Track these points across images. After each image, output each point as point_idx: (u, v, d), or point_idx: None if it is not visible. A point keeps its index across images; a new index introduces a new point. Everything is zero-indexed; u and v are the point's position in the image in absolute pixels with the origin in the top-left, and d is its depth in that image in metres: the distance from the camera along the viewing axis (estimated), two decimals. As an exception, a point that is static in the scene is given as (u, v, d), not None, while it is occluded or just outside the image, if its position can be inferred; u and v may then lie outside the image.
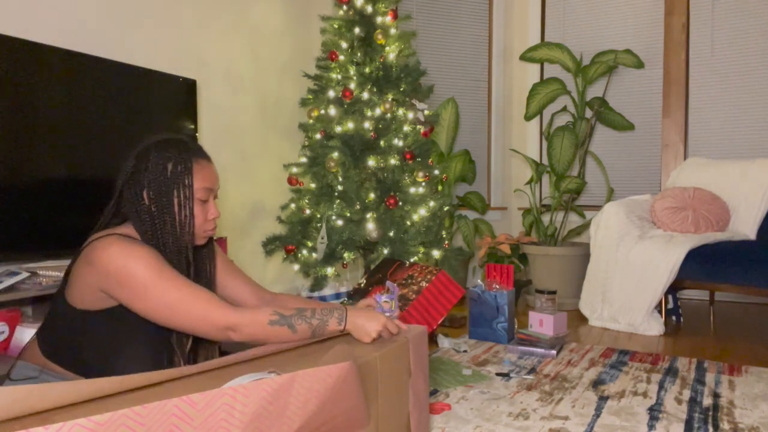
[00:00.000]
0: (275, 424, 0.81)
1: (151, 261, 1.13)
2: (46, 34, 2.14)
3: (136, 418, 0.68)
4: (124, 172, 1.25)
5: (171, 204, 1.22)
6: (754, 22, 3.52)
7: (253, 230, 3.22)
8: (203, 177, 1.26)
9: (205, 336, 1.14)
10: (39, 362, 1.21)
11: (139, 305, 1.13)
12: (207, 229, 1.30)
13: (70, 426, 0.63)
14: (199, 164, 1.26)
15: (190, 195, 1.24)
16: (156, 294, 1.11)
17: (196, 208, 1.26)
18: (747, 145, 3.55)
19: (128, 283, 1.11)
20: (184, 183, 1.23)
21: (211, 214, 1.29)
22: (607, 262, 2.91)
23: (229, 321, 1.12)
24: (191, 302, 1.12)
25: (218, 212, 1.31)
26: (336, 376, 0.90)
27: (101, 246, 1.14)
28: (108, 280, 1.12)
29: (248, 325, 1.12)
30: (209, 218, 1.29)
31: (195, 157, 1.26)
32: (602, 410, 1.74)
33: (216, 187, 1.31)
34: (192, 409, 0.73)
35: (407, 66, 2.93)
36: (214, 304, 1.13)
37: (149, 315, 1.13)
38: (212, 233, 1.32)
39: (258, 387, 0.79)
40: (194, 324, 1.12)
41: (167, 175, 1.22)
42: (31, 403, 0.68)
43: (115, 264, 1.11)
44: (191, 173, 1.24)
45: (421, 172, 2.85)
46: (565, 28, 4.05)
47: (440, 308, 2.15)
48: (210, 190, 1.28)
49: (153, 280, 1.11)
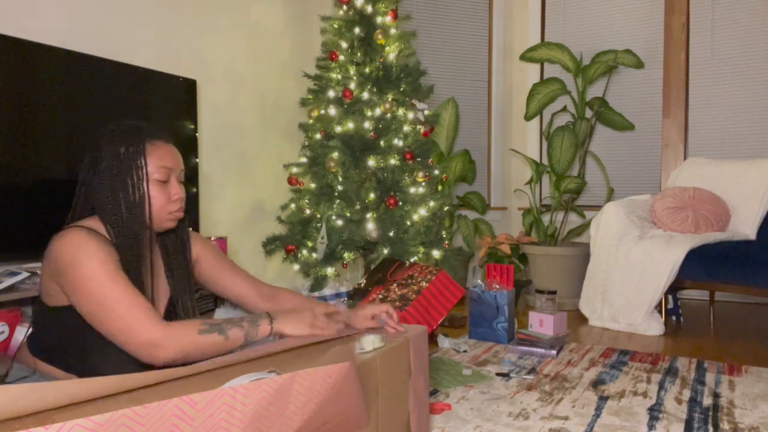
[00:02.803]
0: (275, 424, 0.81)
1: (100, 256, 1.10)
2: (46, 34, 2.14)
3: (136, 418, 0.68)
4: (84, 163, 1.24)
5: (126, 187, 1.20)
6: (754, 22, 3.52)
7: (253, 230, 3.22)
8: (159, 156, 1.24)
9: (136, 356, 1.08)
10: (30, 363, 1.21)
11: (75, 298, 1.10)
12: (171, 210, 1.27)
13: (71, 426, 0.63)
14: (153, 145, 1.24)
15: (143, 175, 1.22)
16: (93, 289, 1.08)
17: (155, 188, 1.24)
18: (747, 145, 3.55)
19: (71, 274, 1.09)
20: (137, 164, 1.21)
21: (174, 194, 1.27)
22: (607, 262, 2.91)
23: (153, 336, 1.05)
24: (122, 311, 1.07)
25: (182, 193, 1.28)
26: (336, 376, 0.90)
27: (57, 237, 1.14)
28: (57, 270, 1.11)
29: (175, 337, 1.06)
30: (173, 199, 1.27)
31: (149, 138, 1.24)
32: (602, 410, 1.74)
33: (176, 167, 1.28)
34: (192, 409, 0.73)
35: (407, 66, 2.93)
36: (146, 317, 1.07)
37: (82, 310, 1.10)
38: (179, 215, 1.29)
39: (258, 387, 0.79)
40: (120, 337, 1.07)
41: (120, 159, 1.21)
42: (30, 402, 0.68)
43: (65, 254, 1.10)
44: (143, 154, 1.22)
45: (421, 172, 2.85)
46: (565, 28, 4.05)
47: (440, 308, 2.15)
48: (169, 170, 1.26)
49: (95, 274, 1.08)
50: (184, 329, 1.08)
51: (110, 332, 1.08)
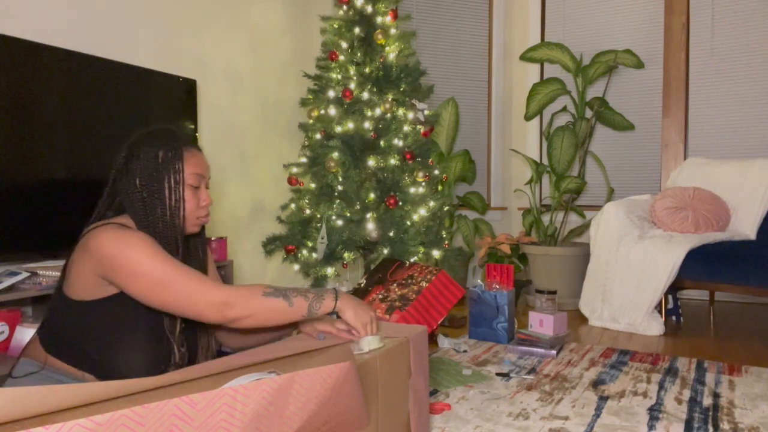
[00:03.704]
0: (275, 424, 0.81)
1: (144, 244, 1.14)
2: (46, 34, 2.14)
3: (136, 418, 0.68)
4: (117, 163, 1.27)
5: (162, 189, 1.24)
6: (754, 22, 3.52)
7: (253, 230, 3.22)
8: (194, 163, 1.29)
9: (200, 317, 1.13)
10: (40, 358, 1.22)
11: (132, 285, 1.13)
12: (200, 215, 1.32)
13: (71, 426, 0.63)
14: (189, 151, 1.29)
15: (181, 180, 1.26)
16: (148, 272, 1.12)
17: (188, 193, 1.28)
18: (747, 145, 3.55)
19: (122, 265, 1.12)
20: (174, 168, 1.25)
21: (204, 201, 1.31)
22: (607, 262, 2.91)
23: (222, 296, 1.12)
24: (183, 280, 1.13)
25: (210, 199, 1.33)
26: (336, 376, 0.91)
27: (97, 233, 1.16)
28: (103, 264, 1.14)
29: (243, 297, 1.12)
30: (202, 204, 1.31)
31: (185, 145, 1.29)
32: (602, 410, 1.74)
33: (207, 174, 1.33)
34: (192, 409, 0.73)
35: (407, 66, 2.93)
36: (206, 281, 1.14)
37: (142, 295, 1.14)
38: (205, 220, 1.34)
39: (258, 387, 0.79)
40: (188, 301, 1.12)
41: (158, 162, 1.24)
42: (31, 405, 0.68)
43: (110, 248, 1.13)
44: (182, 159, 1.26)
45: (421, 172, 2.85)
46: (565, 28, 4.05)
47: (440, 308, 2.15)
48: (201, 177, 1.30)
49: (145, 259, 1.12)
50: (250, 291, 1.14)
51: (177, 300, 1.12)
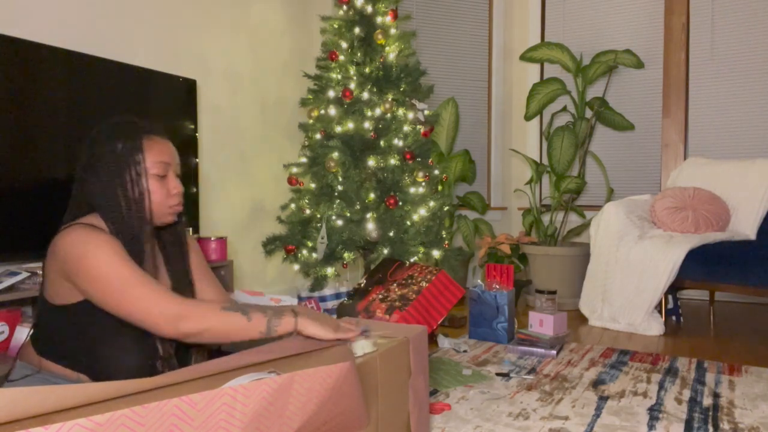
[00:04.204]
0: (275, 424, 0.81)
1: (105, 247, 1.12)
2: (46, 34, 2.14)
3: (136, 418, 0.68)
4: (81, 161, 1.25)
5: (124, 183, 1.21)
6: (754, 22, 3.52)
7: (253, 230, 3.22)
8: (157, 151, 1.25)
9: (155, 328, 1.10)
10: (34, 361, 1.21)
11: (91, 290, 1.11)
12: (171, 204, 1.28)
13: (70, 426, 0.63)
14: (150, 140, 1.26)
15: (142, 171, 1.23)
16: (105, 277, 1.10)
17: (154, 183, 1.25)
18: (747, 145, 3.55)
19: (84, 268, 1.11)
20: (134, 160, 1.22)
21: (174, 188, 1.28)
22: (607, 262, 2.91)
23: (179, 308, 1.09)
24: (140, 289, 1.10)
25: (181, 187, 1.29)
26: (336, 376, 0.90)
27: (63, 235, 1.15)
28: (68, 267, 1.12)
29: (199, 311, 1.10)
30: (172, 193, 1.28)
31: (145, 134, 1.25)
32: (602, 410, 1.74)
33: (173, 161, 1.29)
34: (192, 409, 0.73)
35: (407, 66, 2.93)
36: (165, 293, 1.11)
37: (100, 301, 1.12)
38: (178, 209, 1.31)
39: (258, 387, 0.79)
40: (143, 311, 1.09)
41: (117, 154, 1.21)
42: (31, 405, 0.68)
43: (74, 250, 1.12)
44: (141, 150, 1.23)
45: (421, 172, 2.85)
46: (565, 28, 4.04)
47: (440, 308, 2.15)
48: (167, 165, 1.27)
49: (104, 264, 1.10)
50: (207, 304, 1.12)
51: (132, 312, 1.10)
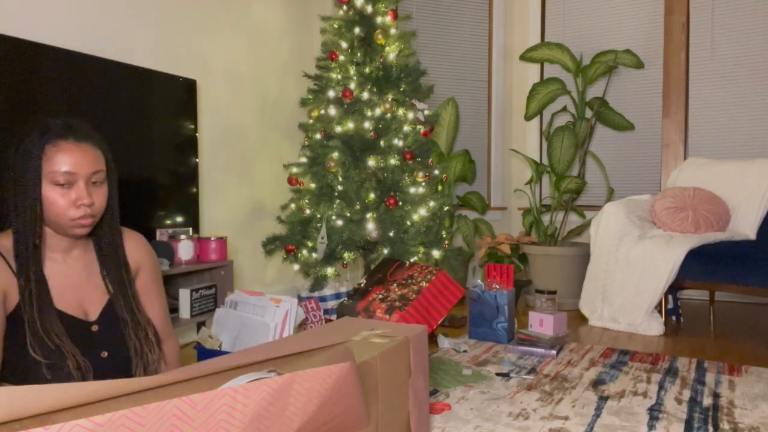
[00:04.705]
0: (275, 425, 0.81)
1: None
2: (46, 34, 2.14)
3: (136, 418, 0.68)
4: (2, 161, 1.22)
5: (19, 189, 1.17)
6: (754, 22, 3.52)
7: (253, 230, 3.22)
8: (60, 160, 1.17)
9: None
10: None
11: None
12: (73, 216, 1.20)
13: (70, 426, 0.63)
14: (55, 146, 1.18)
15: (37, 179, 1.17)
16: None
17: (53, 193, 1.18)
18: (747, 145, 3.55)
19: None
20: (33, 166, 1.17)
21: (79, 200, 1.19)
22: (607, 262, 2.91)
23: None
24: None
25: (89, 198, 1.20)
26: (336, 376, 0.90)
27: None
28: None
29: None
30: (77, 204, 1.19)
31: (52, 140, 1.18)
32: (602, 410, 1.74)
33: (82, 171, 1.20)
34: (192, 409, 0.73)
35: (407, 66, 2.93)
36: None
37: None
38: (83, 222, 1.22)
39: (258, 387, 0.79)
40: None
41: (19, 158, 1.17)
42: (30, 404, 0.68)
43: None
44: (41, 156, 1.17)
45: (421, 172, 2.85)
46: (565, 28, 4.04)
47: (440, 308, 2.15)
48: (71, 174, 1.18)
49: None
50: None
51: None
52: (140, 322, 1.33)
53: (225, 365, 0.95)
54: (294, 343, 1.16)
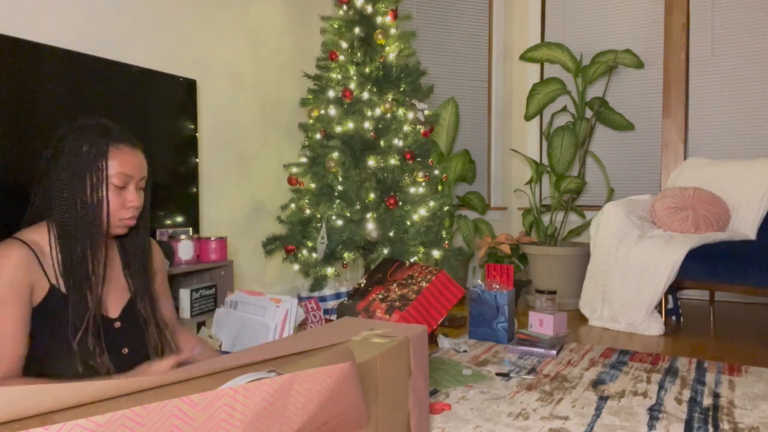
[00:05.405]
0: (275, 425, 0.81)
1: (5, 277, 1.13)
2: (46, 34, 2.14)
3: (136, 418, 0.68)
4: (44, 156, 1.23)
5: (84, 186, 1.20)
6: (754, 21, 3.52)
7: (253, 230, 3.22)
8: (120, 162, 1.23)
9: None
10: None
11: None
12: (123, 216, 1.25)
13: (71, 426, 0.63)
14: (117, 149, 1.23)
15: (103, 178, 1.21)
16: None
17: (111, 193, 1.22)
18: (747, 145, 3.55)
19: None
20: (97, 166, 1.20)
21: (129, 202, 1.25)
22: (607, 262, 2.91)
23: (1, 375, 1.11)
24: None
25: (138, 201, 1.27)
26: (336, 377, 0.90)
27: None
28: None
29: None
30: (127, 206, 1.25)
31: (113, 142, 1.23)
32: (602, 410, 1.74)
33: (136, 174, 1.26)
34: (192, 409, 0.73)
35: (407, 66, 2.93)
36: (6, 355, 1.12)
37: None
38: (129, 222, 1.28)
39: (258, 387, 0.79)
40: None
41: (81, 158, 1.20)
42: (30, 404, 0.68)
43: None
44: (106, 157, 1.21)
45: (421, 172, 2.85)
46: (565, 28, 4.04)
47: (440, 308, 2.15)
48: (128, 177, 1.24)
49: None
50: None
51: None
52: (159, 321, 1.38)
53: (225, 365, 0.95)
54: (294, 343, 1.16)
